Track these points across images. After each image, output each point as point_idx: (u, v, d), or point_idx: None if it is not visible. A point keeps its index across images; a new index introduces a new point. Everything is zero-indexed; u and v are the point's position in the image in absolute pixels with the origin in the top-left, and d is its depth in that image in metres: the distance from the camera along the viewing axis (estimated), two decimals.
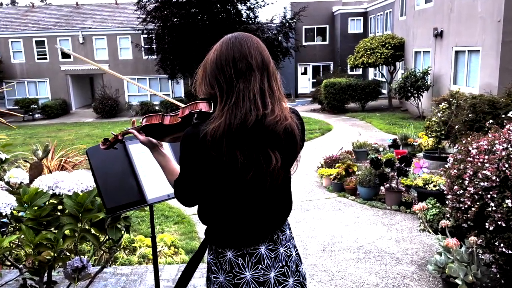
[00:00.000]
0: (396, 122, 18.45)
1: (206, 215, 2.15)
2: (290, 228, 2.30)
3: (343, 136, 16.42)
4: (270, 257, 2.12)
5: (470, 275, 4.39)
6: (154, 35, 28.62)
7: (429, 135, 11.12)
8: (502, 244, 3.99)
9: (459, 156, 4.83)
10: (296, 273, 2.24)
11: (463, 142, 5.00)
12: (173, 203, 8.57)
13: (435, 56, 18.61)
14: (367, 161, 10.14)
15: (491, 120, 7.97)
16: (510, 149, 4.16)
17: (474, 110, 9.11)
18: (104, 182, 2.91)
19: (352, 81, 24.12)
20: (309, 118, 21.30)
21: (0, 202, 2.93)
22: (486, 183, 4.10)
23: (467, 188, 4.31)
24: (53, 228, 3.15)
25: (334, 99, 23.84)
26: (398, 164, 8.16)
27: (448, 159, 5.16)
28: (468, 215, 4.30)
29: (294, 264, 2.23)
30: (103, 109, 30.81)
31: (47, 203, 3.19)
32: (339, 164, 9.53)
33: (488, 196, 4.06)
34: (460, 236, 4.87)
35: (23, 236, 2.97)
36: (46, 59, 34.03)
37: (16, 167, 4.33)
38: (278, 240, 2.17)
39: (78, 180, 3.24)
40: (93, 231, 3.25)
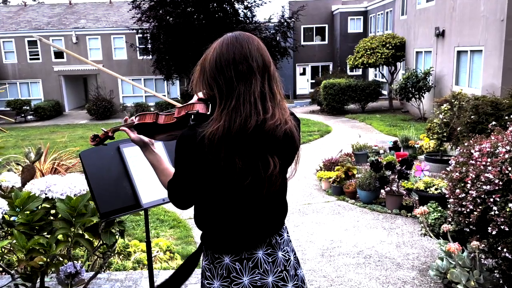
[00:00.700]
0: (397, 124, 18.47)
1: (202, 220, 2.14)
2: (288, 232, 2.31)
3: (342, 138, 16.43)
4: (267, 261, 2.12)
5: (473, 281, 4.40)
6: (149, 35, 28.61)
7: (430, 137, 11.13)
8: (505, 249, 4.00)
9: (461, 159, 4.83)
10: (295, 277, 2.24)
11: (465, 144, 5.00)
12: (168, 207, 8.56)
13: (436, 56, 18.62)
14: (367, 163, 10.15)
15: (494, 122, 7.94)
16: None
17: (476, 112, 9.12)
18: (98, 186, 2.91)
19: (352, 81, 24.14)
20: (308, 120, 21.32)
21: None
22: (488, 187, 4.11)
23: (469, 191, 4.32)
24: (45, 233, 3.15)
25: (333, 100, 23.85)
26: (399, 167, 8.16)
27: (450, 161, 5.16)
28: (470, 219, 4.30)
29: (293, 268, 2.24)
30: (97, 110, 30.77)
31: (40, 208, 3.19)
32: (339, 167, 9.53)
33: (491, 199, 4.07)
34: (462, 240, 4.88)
35: (15, 241, 2.97)
36: (38, 59, 33.97)
37: (8, 171, 4.32)
38: (276, 244, 2.17)
39: (71, 184, 3.25)
40: (86, 236, 3.25)
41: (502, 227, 3.95)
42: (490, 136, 4.90)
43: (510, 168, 4.03)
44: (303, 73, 37.88)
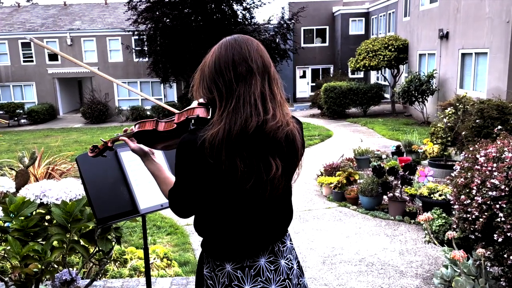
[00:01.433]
0: (400, 128, 18.48)
1: (202, 227, 2.13)
2: (291, 239, 2.30)
3: (344, 142, 16.44)
4: (270, 269, 2.12)
5: None
6: (145, 37, 28.66)
7: (434, 142, 11.13)
8: (511, 257, 4.00)
9: (466, 164, 4.84)
10: (298, 286, 2.24)
11: (470, 149, 5.01)
12: (165, 213, 8.56)
13: (440, 58, 18.66)
14: (369, 169, 10.16)
15: (499, 126, 7.99)
16: None
17: (481, 116, 9.13)
18: (94, 191, 2.91)
19: (353, 85, 24.14)
20: (308, 124, 21.33)
21: None
22: (494, 193, 4.11)
23: (475, 197, 4.32)
24: (40, 239, 3.15)
25: (334, 103, 23.86)
26: (402, 172, 8.16)
27: (454, 167, 5.17)
28: (475, 226, 4.31)
29: (296, 277, 2.24)
30: (92, 114, 30.78)
31: (34, 213, 3.19)
32: (340, 172, 9.53)
33: (497, 206, 4.07)
34: (467, 248, 4.88)
35: (9, 247, 2.97)
36: (32, 61, 33.96)
37: (1, 175, 4.33)
38: (278, 252, 2.17)
39: (67, 189, 3.25)
40: (82, 242, 3.25)
41: (509, 234, 3.96)
42: (496, 140, 4.91)
43: None
44: (303, 76, 37.89)
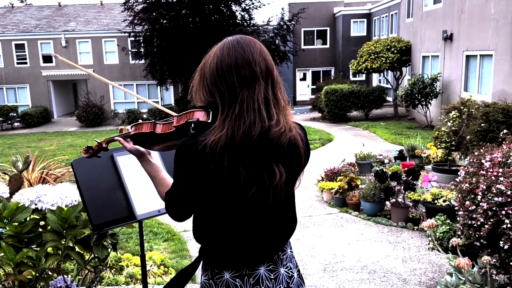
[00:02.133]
0: (403, 132, 18.49)
1: (201, 234, 2.13)
2: (291, 247, 2.29)
3: (345, 147, 16.44)
4: (269, 278, 2.11)
5: None
6: (142, 38, 28.61)
7: (438, 146, 11.14)
8: None
9: (471, 169, 4.84)
10: None
11: (475, 153, 5.01)
12: (162, 218, 8.55)
13: (444, 61, 18.66)
14: (371, 174, 10.16)
15: (505, 130, 7.98)
16: None
17: (487, 119, 9.14)
18: (90, 196, 2.91)
19: (355, 87, 24.16)
20: (308, 128, 21.32)
21: None
22: (500, 198, 4.11)
23: (480, 203, 4.32)
24: (35, 246, 3.15)
25: (335, 107, 23.86)
26: (405, 177, 8.15)
27: (459, 172, 5.17)
28: (481, 233, 4.30)
29: (296, 286, 2.22)
30: (87, 117, 30.75)
31: (29, 219, 3.19)
32: (341, 177, 9.52)
33: (503, 212, 4.07)
34: (472, 255, 4.87)
35: (2, 254, 2.96)
36: (26, 63, 33.91)
37: None
38: (278, 260, 2.16)
39: (62, 194, 3.25)
40: (77, 249, 3.25)
41: None
42: (501, 145, 4.91)
43: None
44: (304, 78, 37.90)
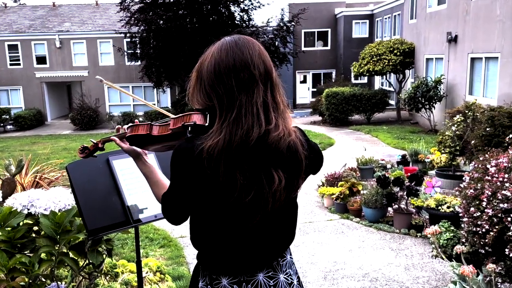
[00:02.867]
0: (406, 136, 18.49)
1: (198, 239, 2.13)
2: (290, 253, 2.30)
3: (346, 151, 16.44)
4: (268, 285, 2.11)
5: None
6: (138, 39, 28.65)
7: (442, 151, 11.14)
8: None
9: (475, 175, 4.84)
10: None
11: (480, 159, 5.02)
12: (159, 224, 8.55)
13: (448, 63, 18.67)
14: (373, 179, 10.16)
15: (511, 135, 7.99)
16: None
17: (492, 124, 9.14)
18: (85, 201, 2.91)
19: (357, 90, 24.18)
20: (309, 132, 21.31)
21: None
22: (506, 205, 4.11)
23: (485, 210, 4.32)
24: (28, 251, 3.15)
25: (336, 110, 23.86)
26: (408, 183, 8.15)
27: (463, 177, 5.17)
28: (486, 240, 4.31)
29: None
30: (82, 120, 30.72)
31: (22, 224, 3.18)
32: (342, 182, 9.52)
33: (508, 219, 4.07)
34: (477, 263, 4.88)
35: None
36: (19, 64, 33.91)
37: None
38: (277, 266, 2.16)
39: (56, 198, 3.24)
40: (71, 255, 3.24)
41: None
42: (507, 150, 4.92)
43: None
44: (304, 81, 37.94)
